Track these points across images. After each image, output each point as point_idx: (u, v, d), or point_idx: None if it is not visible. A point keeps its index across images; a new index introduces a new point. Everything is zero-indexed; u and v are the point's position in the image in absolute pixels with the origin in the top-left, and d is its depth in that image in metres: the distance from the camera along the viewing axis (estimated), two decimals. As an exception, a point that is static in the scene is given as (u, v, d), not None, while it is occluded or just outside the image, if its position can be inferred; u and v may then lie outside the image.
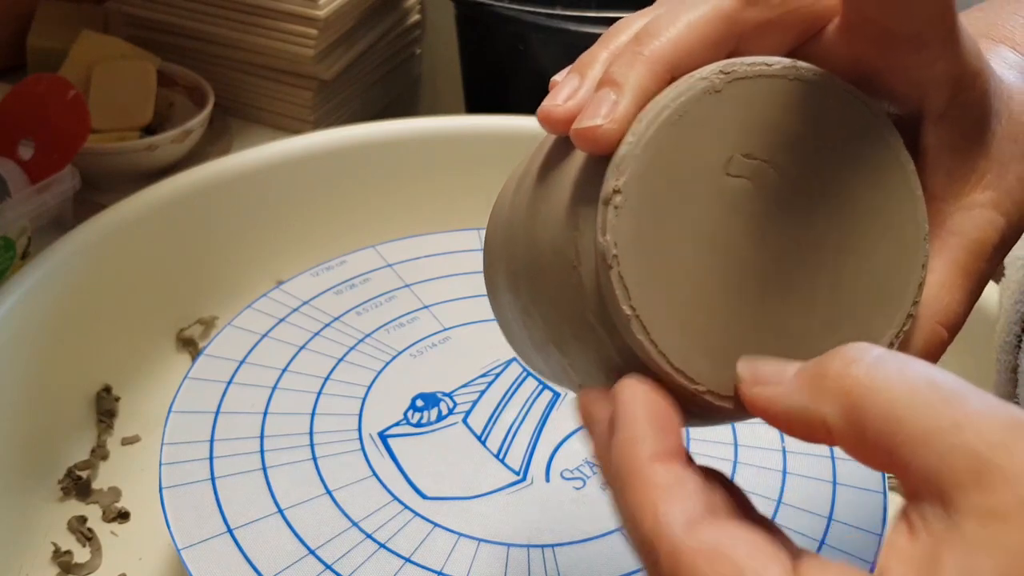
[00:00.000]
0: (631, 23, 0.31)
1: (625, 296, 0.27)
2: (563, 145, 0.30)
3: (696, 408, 0.28)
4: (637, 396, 0.26)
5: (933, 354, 0.30)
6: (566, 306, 0.29)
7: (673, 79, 0.28)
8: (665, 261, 0.27)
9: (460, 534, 0.43)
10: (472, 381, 0.51)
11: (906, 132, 0.30)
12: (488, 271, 0.35)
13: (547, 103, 0.29)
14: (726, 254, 0.27)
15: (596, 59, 0.30)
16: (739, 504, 0.26)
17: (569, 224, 0.29)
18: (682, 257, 0.27)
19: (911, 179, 0.29)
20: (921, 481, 0.21)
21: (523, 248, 0.31)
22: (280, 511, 0.44)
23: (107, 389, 0.55)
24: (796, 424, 0.24)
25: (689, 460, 0.25)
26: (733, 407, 0.27)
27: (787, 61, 0.29)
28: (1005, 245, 0.31)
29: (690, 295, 0.27)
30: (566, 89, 0.29)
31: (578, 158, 0.29)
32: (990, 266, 0.31)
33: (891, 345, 0.29)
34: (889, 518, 0.44)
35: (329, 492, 0.45)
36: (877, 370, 0.23)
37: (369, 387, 0.50)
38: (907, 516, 0.22)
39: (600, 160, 0.28)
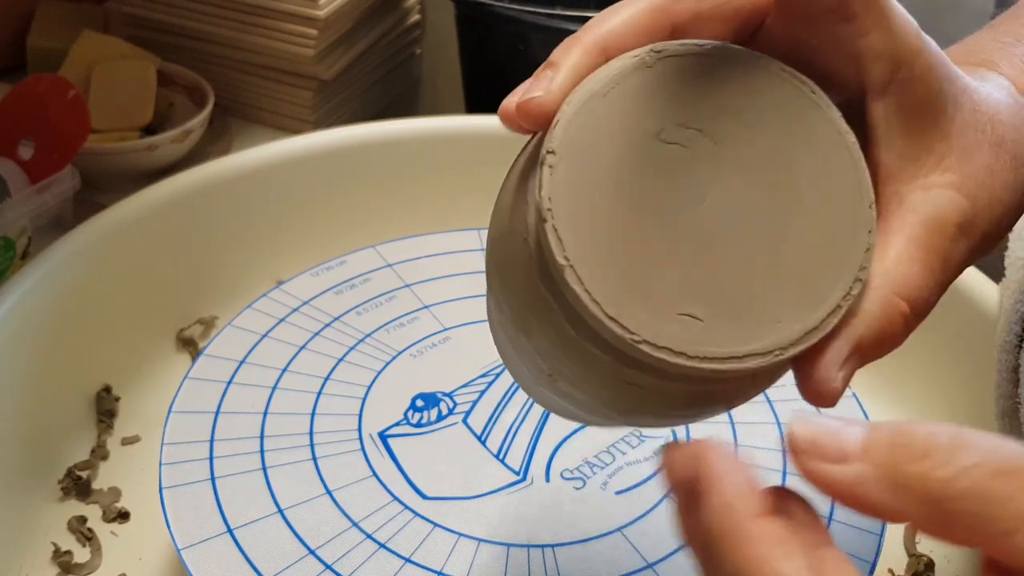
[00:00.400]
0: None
1: (559, 247, 0.27)
2: (526, 144, 0.32)
3: (643, 370, 0.28)
4: (725, 456, 0.26)
5: (893, 325, 0.29)
6: (522, 281, 0.30)
7: (607, 61, 0.29)
8: (600, 218, 0.28)
9: (460, 534, 0.43)
10: (472, 381, 0.51)
11: (854, 116, 0.30)
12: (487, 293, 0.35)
13: (503, 102, 0.30)
14: (662, 214, 0.28)
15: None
16: (815, 523, 0.25)
17: (520, 201, 0.30)
18: (618, 215, 0.28)
19: (852, 149, 0.29)
20: None
21: (490, 241, 0.32)
22: (280, 511, 0.44)
23: (107, 389, 0.55)
24: (867, 509, 0.24)
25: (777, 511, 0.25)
26: (669, 360, 0.27)
27: (718, 42, 0.30)
28: (971, 227, 0.31)
29: (626, 250, 0.27)
30: (520, 89, 0.30)
31: (530, 145, 0.31)
32: (954, 247, 0.30)
33: (838, 308, 0.28)
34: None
35: (329, 492, 0.45)
36: (961, 479, 0.22)
37: (369, 387, 0.50)
38: None
39: (543, 138, 0.29)
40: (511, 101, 0.30)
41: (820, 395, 0.28)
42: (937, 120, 0.31)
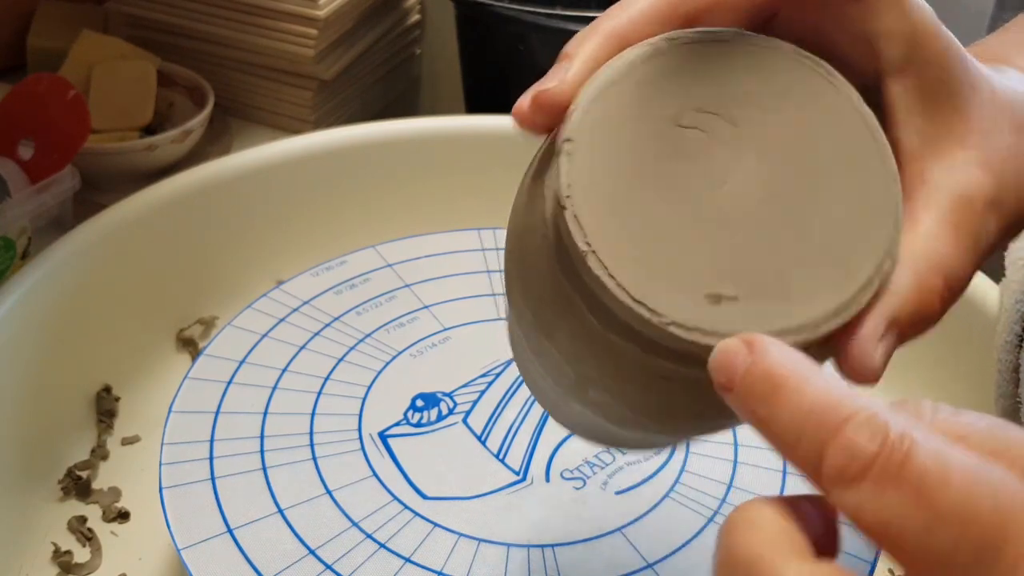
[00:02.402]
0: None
1: (580, 233, 0.27)
2: (539, 148, 0.31)
3: (676, 360, 0.27)
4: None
5: (929, 301, 0.29)
6: (543, 279, 0.29)
7: (623, 49, 0.29)
8: (621, 203, 0.27)
9: (460, 534, 0.43)
10: (472, 381, 0.51)
11: (870, 101, 0.30)
12: (507, 312, 0.34)
13: (517, 102, 0.30)
14: (684, 196, 0.27)
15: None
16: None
17: (538, 198, 0.29)
18: (639, 199, 0.27)
19: (872, 128, 0.29)
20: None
21: (509, 244, 0.31)
22: (280, 511, 0.44)
23: (107, 389, 0.55)
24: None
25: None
26: (701, 341, 0.26)
27: (732, 29, 0.29)
28: (999, 204, 0.31)
29: (649, 233, 0.27)
30: (533, 89, 0.30)
31: (545, 143, 0.30)
32: (983, 223, 0.30)
33: (870, 282, 0.28)
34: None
35: (329, 492, 0.45)
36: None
37: (369, 387, 0.50)
38: None
39: (559, 131, 0.29)
40: (525, 98, 0.29)
41: (859, 372, 0.28)
42: (955, 100, 0.31)
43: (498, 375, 0.51)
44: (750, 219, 0.28)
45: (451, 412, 0.49)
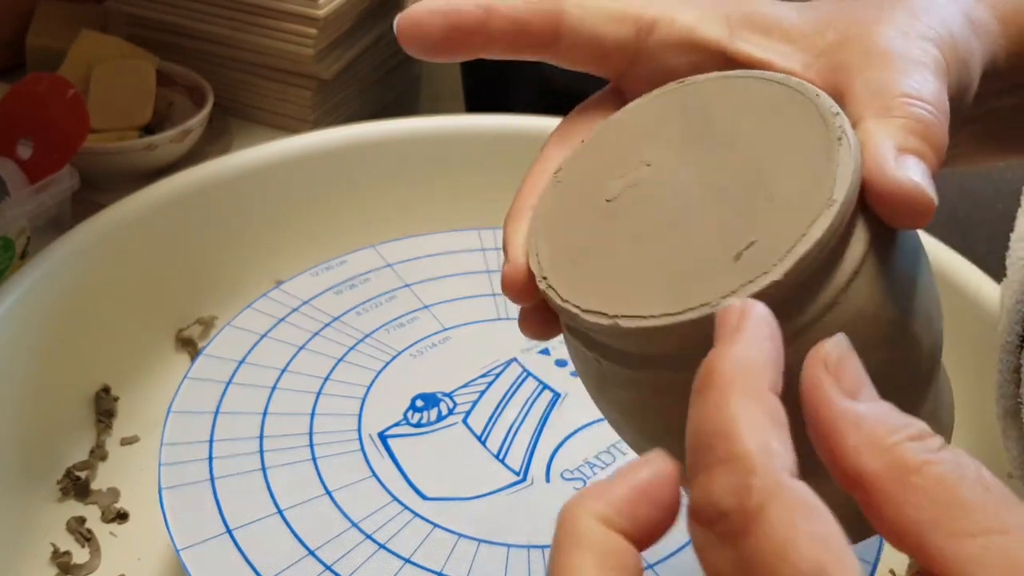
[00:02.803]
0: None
1: (554, 294, 0.29)
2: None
3: (618, 358, 0.28)
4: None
5: (914, 115, 0.28)
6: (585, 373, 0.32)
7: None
8: (569, 244, 0.29)
9: (460, 534, 0.43)
10: (472, 381, 0.51)
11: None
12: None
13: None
14: (622, 220, 0.29)
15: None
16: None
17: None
18: (586, 241, 0.29)
19: (819, 104, 0.28)
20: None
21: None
22: (279, 511, 0.44)
23: (106, 389, 0.55)
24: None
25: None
26: (602, 323, 0.27)
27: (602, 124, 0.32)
28: (942, 44, 0.30)
29: (592, 259, 0.28)
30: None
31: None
32: (927, 48, 0.30)
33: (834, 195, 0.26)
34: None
35: (329, 492, 0.45)
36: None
37: (369, 387, 0.50)
38: None
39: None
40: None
41: (899, 196, 0.26)
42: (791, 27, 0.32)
43: (498, 375, 0.51)
44: (691, 217, 0.27)
45: (451, 412, 0.49)
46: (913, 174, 0.27)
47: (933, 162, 0.28)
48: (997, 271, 0.48)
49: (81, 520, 0.49)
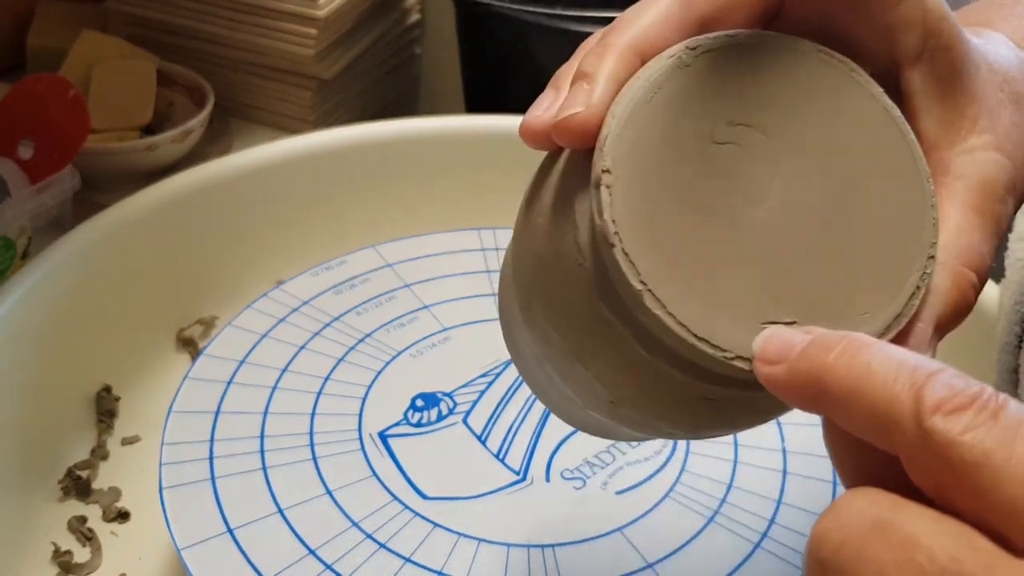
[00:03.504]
0: (599, 33, 0.31)
1: (634, 272, 0.26)
2: (552, 158, 0.31)
3: (727, 384, 0.27)
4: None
5: (966, 296, 0.29)
6: (580, 308, 0.28)
7: (643, 64, 0.28)
8: (667, 233, 0.27)
9: (460, 534, 0.43)
10: (472, 381, 0.51)
11: (888, 88, 0.30)
12: (503, 317, 0.34)
13: (525, 117, 0.29)
14: (728, 220, 0.27)
15: (569, 71, 0.30)
16: None
17: (567, 224, 0.29)
18: (683, 227, 0.27)
19: (900, 124, 0.29)
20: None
21: (529, 268, 0.30)
22: (280, 511, 0.44)
23: (107, 389, 0.55)
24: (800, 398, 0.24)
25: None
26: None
27: (751, 31, 0.29)
28: (1015, 187, 0.31)
29: (699, 263, 0.27)
30: (544, 102, 0.29)
31: (566, 162, 0.30)
32: (1004, 208, 0.30)
33: (918, 289, 0.28)
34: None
35: (329, 492, 0.45)
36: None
37: (369, 387, 0.50)
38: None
39: (585, 155, 0.28)
40: (540, 119, 0.29)
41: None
42: (966, 84, 0.31)
43: (498, 375, 0.51)
44: (795, 235, 0.28)
45: (451, 412, 0.49)
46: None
47: (948, 332, 0.29)
48: (996, 271, 0.48)
49: (82, 519, 0.49)
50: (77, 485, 0.50)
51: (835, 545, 0.22)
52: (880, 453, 0.23)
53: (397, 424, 0.48)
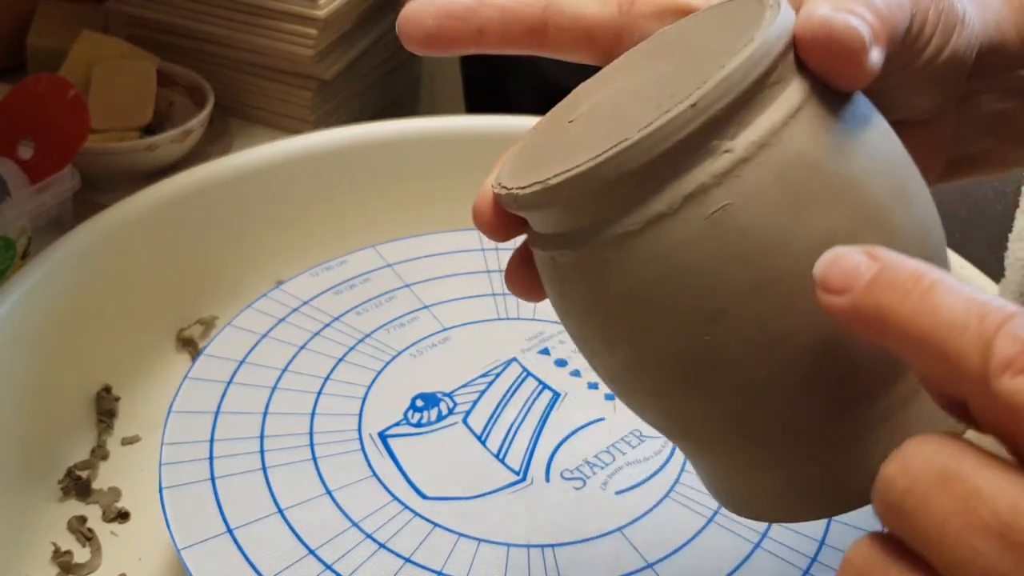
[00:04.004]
0: None
1: (498, 186, 0.30)
2: None
3: (559, 246, 0.29)
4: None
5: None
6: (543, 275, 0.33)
7: None
8: (521, 164, 0.31)
9: (460, 534, 0.43)
10: (472, 381, 0.51)
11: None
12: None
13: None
14: (559, 127, 0.31)
15: None
16: None
17: None
18: (532, 154, 0.31)
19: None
20: None
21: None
22: (280, 511, 0.44)
23: (107, 389, 0.55)
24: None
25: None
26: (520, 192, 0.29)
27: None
28: None
29: (537, 159, 0.30)
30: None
31: None
32: None
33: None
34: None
35: (329, 492, 0.45)
36: None
37: (369, 387, 0.50)
38: None
39: None
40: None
41: (824, 36, 0.26)
42: None
43: (498, 375, 0.51)
44: (634, 105, 0.28)
45: (451, 412, 0.49)
46: (845, 18, 0.26)
47: (876, 26, 0.27)
48: (996, 271, 0.48)
49: (82, 519, 0.49)
50: (77, 485, 0.50)
51: (901, 491, 0.22)
52: None
53: (397, 424, 0.48)
